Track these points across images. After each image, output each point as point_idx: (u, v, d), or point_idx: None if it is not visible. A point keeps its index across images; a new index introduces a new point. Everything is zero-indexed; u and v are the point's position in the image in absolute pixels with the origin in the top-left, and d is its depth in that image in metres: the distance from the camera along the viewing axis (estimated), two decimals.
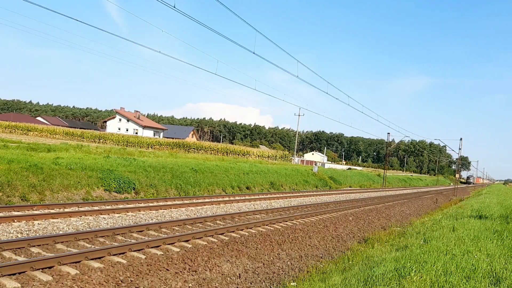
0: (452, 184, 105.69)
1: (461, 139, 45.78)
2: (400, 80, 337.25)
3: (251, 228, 11.90)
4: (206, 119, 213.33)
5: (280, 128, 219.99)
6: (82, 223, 10.31)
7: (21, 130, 68.57)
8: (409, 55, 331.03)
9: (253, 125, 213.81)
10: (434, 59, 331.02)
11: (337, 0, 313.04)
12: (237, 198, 19.29)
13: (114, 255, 7.67)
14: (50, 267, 6.64)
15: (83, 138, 63.88)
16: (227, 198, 18.89)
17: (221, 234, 10.61)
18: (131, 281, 6.66)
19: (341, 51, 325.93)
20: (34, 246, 7.73)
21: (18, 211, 10.80)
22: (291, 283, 7.80)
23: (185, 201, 16.10)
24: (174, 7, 12.57)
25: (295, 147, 72.30)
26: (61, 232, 9.14)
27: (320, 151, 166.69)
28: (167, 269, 7.43)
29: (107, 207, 12.72)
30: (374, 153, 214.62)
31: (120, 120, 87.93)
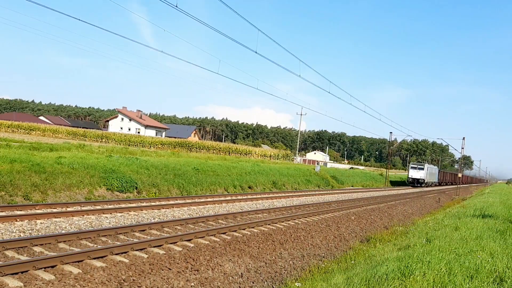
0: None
1: (464, 138, 45.71)
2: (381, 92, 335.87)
3: (253, 227, 11.89)
4: (208, 118, 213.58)
5: (282, 127, 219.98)
6: (84, 222, 10.33)
7: (24, 129, 68.78)
8: (389, 68, 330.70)
9: (255, 124, 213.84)
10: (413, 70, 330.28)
11: (337, 1, 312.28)
12: (239, 197, 19.28)
13: (116, 254, 7.68)
14: (52, 266, 6.64)
15: (86, 137, 64.03)
16: (229, 198, 18.88)
17: (223, 233, 10.60)
18: (133, 280, 6.66)
19: (342, 51, 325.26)
20: (36, 245, 7.74)
21: (21, 210, 10.82)
22: (296, 283, 7.78)
23: (187, 201, 16.10)
24: (176, 6, 12.56)
25: (297, 146, 72.24)
26: (63, 231, 9.15)
27: (322, 150, 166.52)
28: (169, 268, 7.42)
29: (110, 207, 12.73)
30: (377, 152, 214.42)
31: (122, 119, 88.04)
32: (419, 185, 55.54)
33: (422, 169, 56.09)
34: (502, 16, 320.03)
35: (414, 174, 56.09)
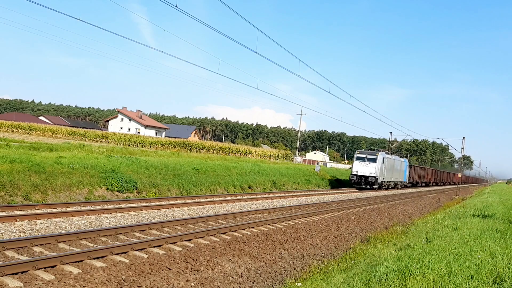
0: None
1: (463, 138, 45.64)
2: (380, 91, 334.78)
3: (253, 227, 11.89)
4: (208, 118, 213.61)
5: (282, 127, 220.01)
6: (84, 223, 10.33)
7: (24, 129, 68.83)
8: (389, 68, 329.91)
9: (255, 124, 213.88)
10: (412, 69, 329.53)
11: (336, 1, 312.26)
12: (239, 197, 19.28)
13: (116, 254, 7.67)
14: (52, 266, 6.64)
15: (85, 137, 64.07)
16: (229, 198, 18.88)
17: (223, 233, 10.60)
18: (133, 280, 6.66)
19: (341, 51, 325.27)
20: (36, 245, 7.74)
21: (21, 211, 10.82)
22: (296, 283, 7.78)
23: (187, 201, 16.10)
24: (176, 6, 12.56)
25: (297, 146, 72.29)
26: (63, 232, 9.15)
27: (322, 150, 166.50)
28: (169, 268, 7.42)
29: (110, 207, 12.73)
30: None
31: (122, 119, 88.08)
32: (368, 186, 34.95)
33: (374, 160, 35.00)
34: (501, 16, 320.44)
35: (360, 168, 35.19)
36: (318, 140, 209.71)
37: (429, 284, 6.12)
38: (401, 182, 44.27)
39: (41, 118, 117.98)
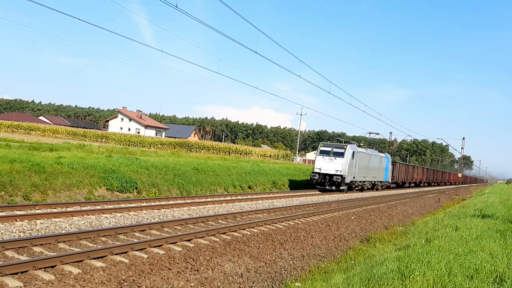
0: None
1: (463, 138, 45.64)
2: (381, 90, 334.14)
3: (253, 227, 11.89)
4: (208, 118, 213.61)
5: (282, 127, 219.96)
6: (84, 223, 10.33)
7: (24, 129, 68.85)
8: (389, 68, 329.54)
9: (255, 124, 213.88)
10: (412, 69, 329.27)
11: (336, 1, 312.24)
12: (239, 197, 19.28)
13: (116, 254, 7.67)
14: (52, 266, 6.64)
15: (85, 137, 64.09)
16: (229, 198, 18.88)
17: (223, 233, 10.60)
18: (133, 280, 6.66)
19: (341, 51, 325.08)
20: (36, 245, 7.74)
21: (21, 211, 10.82)
22: (296, 283, 7.78)
23: (187, 201, 16.10)
24: (176, 6, 12.57)
25: (297, 146, 72.31)
26: (63, 232, 9.15)
27: None
28: (169, 269, 7.42)
29: (109, 207, 12.73)
30: None
31: (122, 119, 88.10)
32: (333, 187, 27.52)
33: (341, 155, 27.69)
34: (501, 16, 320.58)
35: (323, 165, 27.83)
36: (318, 140, 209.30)
37: (429, 284, 6.12)
38: (380, 182, 36.56)
39: (41, 118, 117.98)
